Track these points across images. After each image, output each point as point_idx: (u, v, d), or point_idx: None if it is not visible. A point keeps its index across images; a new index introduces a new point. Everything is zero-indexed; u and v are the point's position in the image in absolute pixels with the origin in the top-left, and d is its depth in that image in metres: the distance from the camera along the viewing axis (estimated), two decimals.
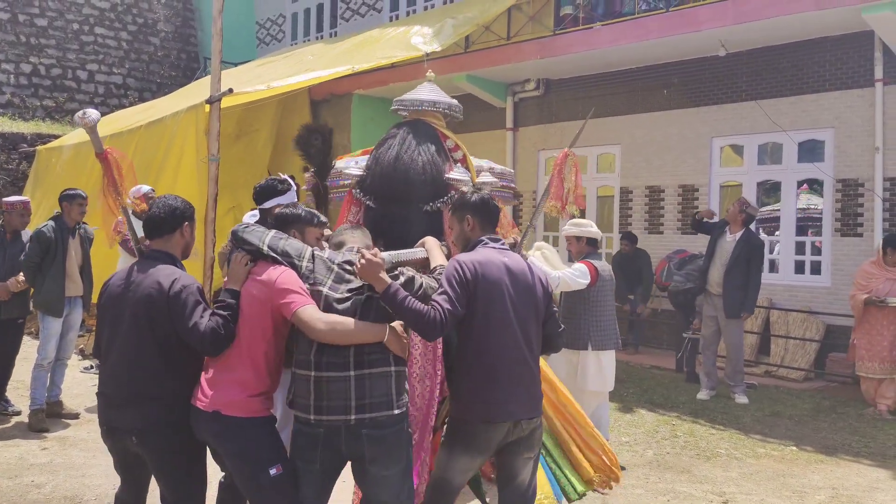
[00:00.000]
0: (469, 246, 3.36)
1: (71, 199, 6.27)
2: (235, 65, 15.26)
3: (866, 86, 8.43)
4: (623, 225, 10.51)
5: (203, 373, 3.14)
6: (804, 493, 5.00)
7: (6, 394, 6.44)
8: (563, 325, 3.49)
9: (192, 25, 17.86)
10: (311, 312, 2.93)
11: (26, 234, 6.46)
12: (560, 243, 9.06)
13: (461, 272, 3.13)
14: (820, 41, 8.75)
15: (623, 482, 5.09)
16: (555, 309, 3.43)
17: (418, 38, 9.57)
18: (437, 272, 3.27)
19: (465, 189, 3.72)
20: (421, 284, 3.12)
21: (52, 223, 6.23)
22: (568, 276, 5.16)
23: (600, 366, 5.34)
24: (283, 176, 4.30)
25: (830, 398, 7.53)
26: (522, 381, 3.21)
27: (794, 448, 5.97)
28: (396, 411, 2.99)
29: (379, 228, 3.83)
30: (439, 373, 3.75)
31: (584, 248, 5.47)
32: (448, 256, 3.54)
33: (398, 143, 4.09)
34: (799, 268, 9.15)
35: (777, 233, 9.50)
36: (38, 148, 12.66)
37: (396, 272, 3.12)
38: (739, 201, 7.52)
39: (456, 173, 4.06)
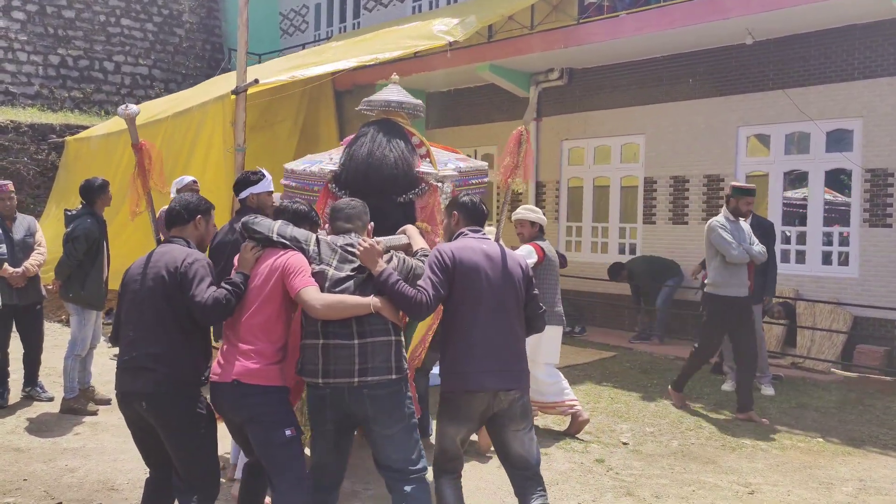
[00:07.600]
0: (453, 237, 3.77)
1: (104, 190, 6.25)
2: (259, 55, 15.35)
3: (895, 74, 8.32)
4: (647, 215, 10.45)
5: (219, 349, 3.41)
6: (831, 484, 4.98)
7: (39, 380, 6.58)
8: (543, 307, 3.78)
9: (216, 17, 17.96)
10: (310, 293, 3.26)
11: (25, 219, 6.48)
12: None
13: (441, 258, 3.51)
14: (848, 29, 8.63)
15: (648, 472, 5.11)
16: (535, 292, 3.72)
17: (441, 27, 9.55)
18: (419, 254, 3.69)
19: (432, 181, 4.26)
20: (412, 266, 3.51)
21: (90, 220, 6.09)
22: None
23: (539, 337, 5.56)
24: (257, 168, 4.67)
25: (857, 390, 7.46)
26: (499, 355, 3.50)
27: (821, 440, 5.93)
28: (394, 376, 3.33)
29: None
30: None
31: (535, 233, 5.96)
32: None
33: (370, 140, 4.37)
34: (826, 259, 9.06)
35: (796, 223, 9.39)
36: (67, 139, 12.82)
37: (390, 255, 3.49)
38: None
39: (425, 167, 4.35)
